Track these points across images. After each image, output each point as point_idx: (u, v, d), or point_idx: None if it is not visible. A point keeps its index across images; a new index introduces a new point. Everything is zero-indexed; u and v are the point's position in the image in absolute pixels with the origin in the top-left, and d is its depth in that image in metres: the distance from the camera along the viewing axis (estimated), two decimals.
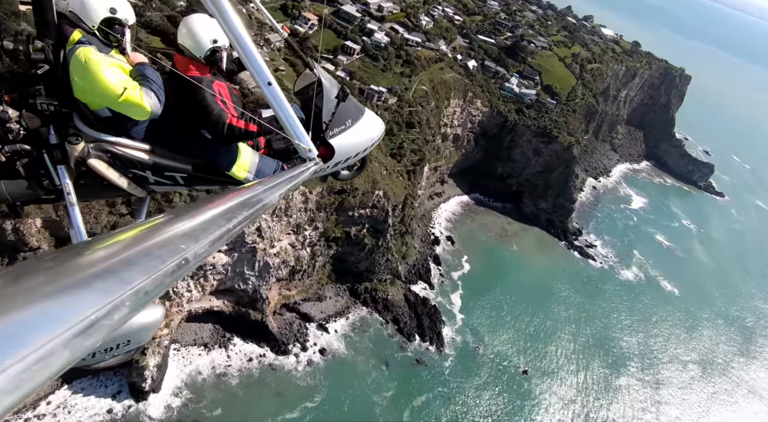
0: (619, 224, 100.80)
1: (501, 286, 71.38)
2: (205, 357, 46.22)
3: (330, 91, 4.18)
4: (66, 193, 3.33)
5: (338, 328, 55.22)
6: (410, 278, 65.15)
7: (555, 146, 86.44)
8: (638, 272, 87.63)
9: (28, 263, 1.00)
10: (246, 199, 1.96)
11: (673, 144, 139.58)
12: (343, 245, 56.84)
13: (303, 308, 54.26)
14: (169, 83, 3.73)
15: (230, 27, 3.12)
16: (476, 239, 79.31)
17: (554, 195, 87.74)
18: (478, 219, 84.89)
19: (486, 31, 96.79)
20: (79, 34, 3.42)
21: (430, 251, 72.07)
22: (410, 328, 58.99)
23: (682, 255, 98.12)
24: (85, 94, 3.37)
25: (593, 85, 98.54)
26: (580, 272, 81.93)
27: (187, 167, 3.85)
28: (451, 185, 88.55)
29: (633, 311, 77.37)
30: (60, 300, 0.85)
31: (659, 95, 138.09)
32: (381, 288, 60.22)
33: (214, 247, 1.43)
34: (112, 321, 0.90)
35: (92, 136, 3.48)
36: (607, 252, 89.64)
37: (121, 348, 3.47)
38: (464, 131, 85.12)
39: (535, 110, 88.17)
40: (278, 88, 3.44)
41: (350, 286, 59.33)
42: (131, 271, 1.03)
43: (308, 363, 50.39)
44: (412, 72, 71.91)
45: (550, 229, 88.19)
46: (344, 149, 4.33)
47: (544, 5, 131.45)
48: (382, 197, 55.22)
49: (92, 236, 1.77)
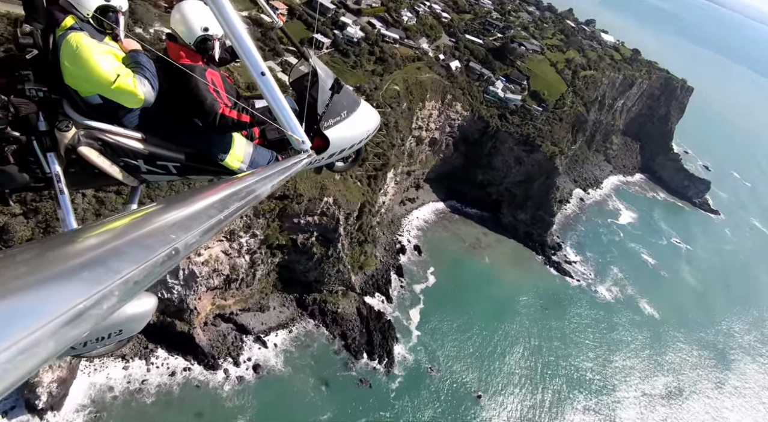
0: (603, 240, 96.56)
1: (466, 301, 67.49)
2: (120, 370, 42.67)
3: (325, 82, 4.13)
4: (56, 181, 3.28)
5: (278, 342, 51.60)
6: (367, 290, 61.41)
7: (537, 155, 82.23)
8: (617, 291, 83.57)
9: (15, 250, 0.98)
10: (238, 189, 1.93)
11: (670, 158, 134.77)
12: (290, 253, 53.13)
13: (241, 319, 50.66)
14: (162, 71, 3.65)
15: (223, 15, 3.10)
16: (446, 250, 75.38)
17: (534, 207, 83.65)
18: (452, 228, 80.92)
19: (475, 30, 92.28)
20: (71, 20, 3.39)
21: (393, 260, 68.25)
22: (359, 344, 55.34)
23: (667, 275, 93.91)
24: (76, 81, 3.33)
25: (585, 94, 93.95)
26: (555, 289, 77.93)
27: (179, 157, 3.79)
28: (426, 191, 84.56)
29: (605, 334, 73.41)
30: (47, 289, 0.84)
31: (658, 106, 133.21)
32: (331, 300, 56.54)
33: (205, 237, 1.43)
34: (101, 311, 0.89)
35: (83, 123, 3.41)
36: (586, 269, 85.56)
37: (113, 337, 3.35)
38: (442, 134, 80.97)
39: (519, 117, 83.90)
40: (272, 79, 3.41)
41: (298, 296, 55.69)
42: (120, 260, 1.02)
43: (238, 381, 46.81)
44: (385, 70, 67.75)
45: (528, 242, 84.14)
46: (339, 141, 4.29)
47: (542, 6, 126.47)
48: (331, 205, 51.38)
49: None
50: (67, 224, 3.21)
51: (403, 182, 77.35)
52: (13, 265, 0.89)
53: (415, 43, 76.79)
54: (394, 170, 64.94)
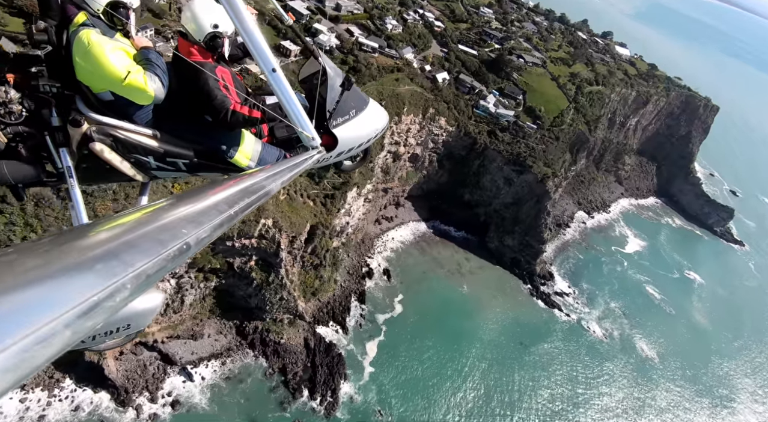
0: (603, 270, 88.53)
1: (433, 335, 61.56)
2: (15, 403, 38.92)
3: (334, 81, 4.13)
4: (68, 176, 3.33)
5: (207, 375, 47.12)
6: (320, 319, 56.42)
7: (528, 176, 75.78)
8: (612, 329, 75.68)
9: (31, 243, 1.01)
10: (248, 186, 1.96)
11: (690, 181, 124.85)
12: (229, 277, 48.78)
13: (168, 347, 46.47)
14: (172, 68, 3.72)
15: (235, 11, 3.11)
16: (420, 276, 69.65)
17: (522, 232, 77.02)
18: (431, 251, 75.15)
19: (470, 41, 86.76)
20: (83, 17, 3.42)
21: (357, 286, 63.06)
22: (300, 381, 50.31)
23: (674, 313, 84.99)
24: (88, 77, 3.35)
25: (588, 111, 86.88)
26: (540, 325, 70.86)
27: (189, 153, 3.79)
28: (407, 209, 79.23)
29: (589, 380, 65.75)
30: (62, 281, 0.86)
31: (678, 126, 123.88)
32: (275, 329, 51.83)
33: (216, 233, 1.44)
34: (114, 303, 0.92)
35: (95, 119, 3.43)
36: (578, 302, 78.02)
37: (121, 331, 3.35)
38: (425, 150, 75.62)
39: (511, 134, 77.72)
40: (282, 76, 3.40)
41: (238, 323, 51.23)
42: (133, 254, 1.03)
43: (150, 419, 42.44)
44: (358, 81, 62.89)
45: (515, 270, 77.46)
46: (348, 139, 4.29)
47: (553, 17, 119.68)
48: (270, 227, 46.81)
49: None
50: (79, 218, 3.26)
51: (378, 200, 72.32)
52: (30, 257, 0.91)
53: (397, 52, 71.98)
54: (358, 188, 59.95)
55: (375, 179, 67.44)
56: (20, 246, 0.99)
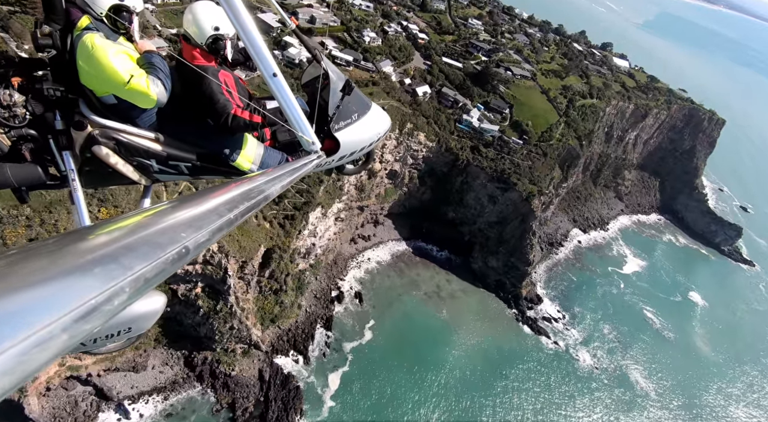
0: (598, 292, 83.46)
1: (405, 366, 57.46)
2: None
3: (336, 85, 4.11)
4: (70, 179, 3.32)
5: (147, 411, 43.72)
6: (279, 348, 52.86)
7: (512, 194, 71.79)
8: (604, 357, 70.54)
9: (30, 246, 1.01)
10: (248, 189, 1.96)
11: (695, 197, 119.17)
12: (173, 305, 45.59)
13: (104, 381, 43.30)
14: (175, 72, 3.70)
15: (236, 15, 3.08)
16: (396, 299, 65.77)
17: (507, 253, 72.78)
18: (410, 272, 71.26)
19: (455, 53, 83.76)
20: (87, 21, 3.41)
21: (324, 311, 59.44)
22: (249, 417, 46.62)
23: (674, 339, 79.39)
24: (91, 81, 3.34)
25: (579, 125, 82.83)
26: (524, 354, 66.18)
27: (191, 157, 3.79)
28: (387, 228, 75.65)
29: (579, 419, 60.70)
30: (60, 284, 0.85)
31: (682, 139, 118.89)
32: (226, 360, 48.37)
33: (216, 237, 1.44)
34: (112, 307, 0.91)
35: (98, 122, 3.43)
36: (568, 328, 73.13)
37: (122, 334, 3.33)
38: (404, 166, 72.28)
39: (495, 150, 74.05)
40: (283, 80, 3.37)
41: (187, 354, 47.91)
42: (132, 257, 1.03)
43: None
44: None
45: (499, 293, 73.11)
46: (349, 143, 4.28)
47: (549, 28, 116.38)
48: (216, 252, 43.64)
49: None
50: (81, 220, 3.24)
51: (354, 219, 68.99)
52: (29, 260, 0.90)
53: (374, 65, 69.20)
54: (323, 208, 56.68)
55: (347, 197, 64.21)
56: (19, 249, 0.97)
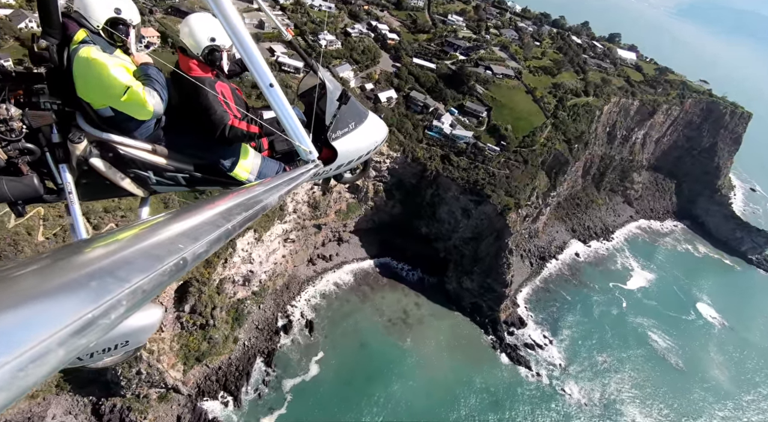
0: (594, 313, 74.66)
1: (354, 405, 51.29)
2: None
3: (332, 94, 4.15)
4: (67, 192, 3.32)
5: None
6: (206, 390, 47.75)
7: (486, 207, 64.42)
8: (595, 391, 62.05)
9: (26, 260, 1.00)
10: (245, 200, 1.96)
11: (717, 200, 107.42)
12: None
13: None
14: (173, 83, 3.74)
15: (231, 26, 3.09)
16: (352, 327, 59.63)
17: (482, 273, 65.39)
18: (374, 296, 64.94)
19: (429, 53, 76.93)
20: (83, 34, 3.43)
21: (266, 344, 53.99)
22: None
23: (684, 367, 69.80)
24: (88, 93, 3.36)
25: (569, 127, 74.40)
26: (500, 389, 58.67)
27: (189, 168, 3.80)
28: (352, 246, 69.64)
29: None
30: (57, 298, 0.85)
31: (700, 137, 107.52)
32: (138, 407, 43.59)
33: (213, 247, 1.43)
34: (109, 320, 0.90)
35: (95, 135, 3.45)
36: (555, 356, 64.99)
37: (120, 348, 3.31)
38: (366, 180, 66.09)
39: (468, 158, 66.90)
40: (280, 90, 3.39)
41: (95, 401, 43.38)
42: (129, 270, 1.03)
43: None
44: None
45: (476, 317, 65.80)
46: (347, 152, 4.29)
47: (545, 21, 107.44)
48: None
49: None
50: (78, 233, 3.24)
51: (309, 238, 63.34)
52: (25, 275, 0.90)
53: (330, 71, 63.36)
54: (256, 233, 51.26)
55: (296, 216, 58.64)
56: (15, 263, 0.97)
